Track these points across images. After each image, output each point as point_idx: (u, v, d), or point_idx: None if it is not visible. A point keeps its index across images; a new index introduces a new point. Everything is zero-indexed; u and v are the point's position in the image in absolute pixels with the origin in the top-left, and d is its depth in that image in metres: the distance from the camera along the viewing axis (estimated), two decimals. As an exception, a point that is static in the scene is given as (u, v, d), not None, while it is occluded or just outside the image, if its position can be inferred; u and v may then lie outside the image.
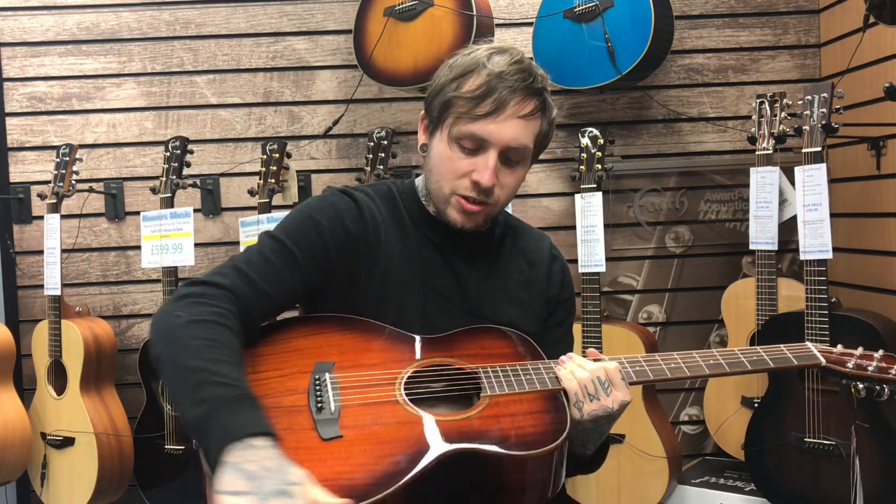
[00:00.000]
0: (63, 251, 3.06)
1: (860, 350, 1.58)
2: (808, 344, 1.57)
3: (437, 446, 1.29)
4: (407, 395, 1.39)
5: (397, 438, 1.30)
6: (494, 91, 1.46)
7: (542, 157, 3.60)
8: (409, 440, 1.30)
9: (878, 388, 1.54)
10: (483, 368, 1.43)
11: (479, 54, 1.51)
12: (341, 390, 1.38)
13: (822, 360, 1.55)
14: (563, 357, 1.46)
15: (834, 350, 1.58)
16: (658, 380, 1.49)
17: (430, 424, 1.33)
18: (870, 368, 1.54)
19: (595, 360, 1.46)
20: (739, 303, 2.85)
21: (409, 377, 1.42)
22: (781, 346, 1.55)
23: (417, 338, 1.50)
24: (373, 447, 1.29)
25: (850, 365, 1.55)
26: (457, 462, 1.30)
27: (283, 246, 1.47)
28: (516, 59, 1.50)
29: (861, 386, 1.55)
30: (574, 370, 1.42)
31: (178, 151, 2.98)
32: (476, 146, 1.49)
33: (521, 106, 1.48)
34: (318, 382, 1.38)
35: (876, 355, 1.56)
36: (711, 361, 1.51)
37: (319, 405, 1.35)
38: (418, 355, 1.46)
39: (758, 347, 1.55)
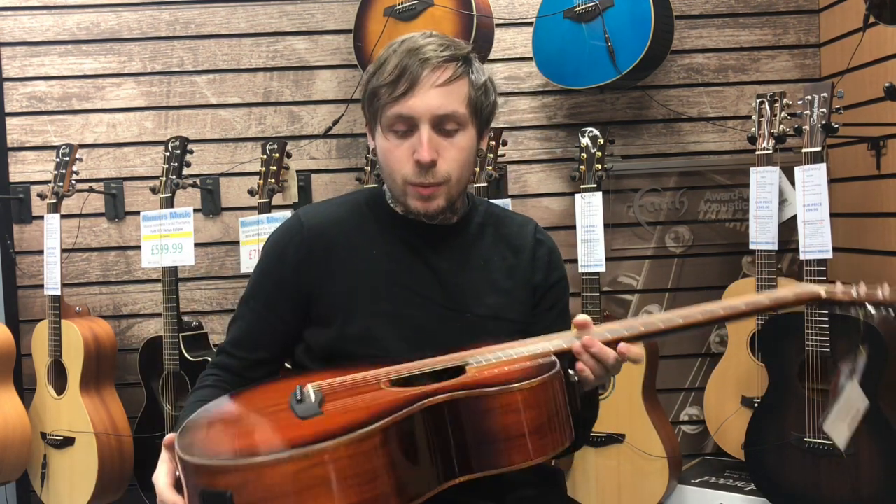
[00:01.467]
0: (63, 251, 3.05)
1: (862, 284, 1.53)
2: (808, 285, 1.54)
3: (423, 398, 1.27)
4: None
5: (380, 402, 1.28)
6: (407, 69, 1.49)
7: (542, 156, 3.59)
8: (392, 402, 1.28)
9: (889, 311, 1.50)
10: (471, 355, 1.42)
11: (395, 41, 1.55)
12: (324, 393, 1.37)
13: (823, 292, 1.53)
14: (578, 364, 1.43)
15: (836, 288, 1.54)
16: (634, 336, 1.45)
17: (416, 391, 1.31)
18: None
19: (580, 329, 1.44)
20: (739, 303, 2.84)
21: (395, 379, 1.40)
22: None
23: (400, 360, 1.47)
24: (354, 412, 1.27)
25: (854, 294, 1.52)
26: (449, 412, 1.28)
27: (249, 308, 1.64)
28: (428, 35, 1.54)
29: (872, 310, 1.50)
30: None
31: (178, 151, 2.98)
32: (407, 126, 1.51)
33: (436, 75, 1.50)
34: (298, 391, 1.37)
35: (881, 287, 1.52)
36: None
37: (300, 400, 1.33)
38: (403, 365, 1.45)
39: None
